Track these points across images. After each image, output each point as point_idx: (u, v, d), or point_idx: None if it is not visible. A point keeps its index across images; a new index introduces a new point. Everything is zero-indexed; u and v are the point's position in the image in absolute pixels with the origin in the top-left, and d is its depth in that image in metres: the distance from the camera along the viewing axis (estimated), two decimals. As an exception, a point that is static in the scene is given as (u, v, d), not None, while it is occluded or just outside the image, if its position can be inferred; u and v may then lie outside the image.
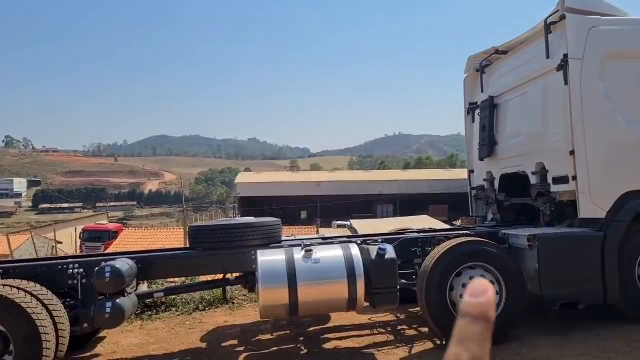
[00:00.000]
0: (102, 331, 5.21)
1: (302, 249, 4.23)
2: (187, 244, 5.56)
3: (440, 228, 6.44)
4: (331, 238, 5.11)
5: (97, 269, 4.08)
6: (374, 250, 4.28)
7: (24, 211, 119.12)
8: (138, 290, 4.71)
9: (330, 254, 4.27)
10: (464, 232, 5.11)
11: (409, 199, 31.35)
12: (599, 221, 4.60)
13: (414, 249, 4.82)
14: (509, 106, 5.87)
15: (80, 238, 21.83)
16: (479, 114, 6.45)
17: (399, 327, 5.26)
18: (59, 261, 4.51)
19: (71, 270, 4.26)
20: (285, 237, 5.09)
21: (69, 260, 4.53)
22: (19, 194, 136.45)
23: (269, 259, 4.18)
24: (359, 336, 4.99)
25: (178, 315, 6.15)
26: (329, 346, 4.75)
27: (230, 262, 4.63)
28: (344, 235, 5.82)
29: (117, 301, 4.03)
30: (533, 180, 5.25)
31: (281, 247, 4.51)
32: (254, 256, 4.35)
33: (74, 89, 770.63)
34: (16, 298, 3.67)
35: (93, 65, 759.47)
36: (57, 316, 3.84)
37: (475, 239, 4.69)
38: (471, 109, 6.80)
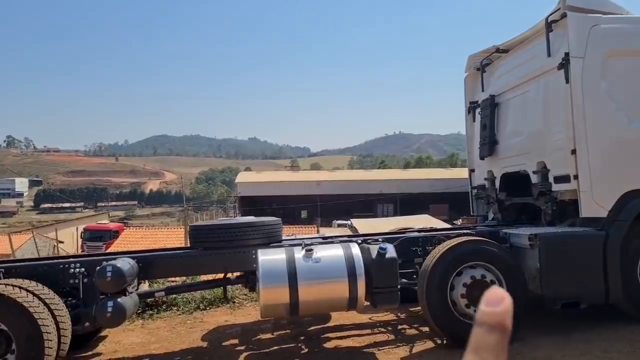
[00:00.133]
0: (104, 330, 5.22)
1: (303, 248, 4.23)
2: (188, 244, 5.56)
3: (441, 227, 6.44)
4: (332, 237, 5.11)
5: (98, 268, 4.08)
6: (374, 249, 4.27)
7: (25, 211, 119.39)
8: (139, 289, 4.72)
9: (331, 253, 4.26)
10: (464, 231, 5.11)
11: (410, 198, 31.33)
12: (600, 220, 4.59)
13: (414, 249, 4.81)
14: (510, 105, 5.86)
15: (81, 238, 21.87)
16: (480, 113, 6.44)
17: (399, 326, 5.26)
18: (61, 261, 4.52)
19: (73, 270, 4.27)
20: (286, 237, 5.08)
21: (70, 259, 4.54)
22: (20, 194, 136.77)
23: (269, 258, 4.18)
24: (359, 335, 4.99)
25: (179, 314, 6.16)
26: (329, 345, 4.75)
27: (231, 261, 4.63)
28: (344, 235, 5.81)
29: (118, 300, 4.04)
30: (534, 179, 5.24)
31: (282, 246, 4.51)
32: (254, 256, 4.35)
33: (75, 89, 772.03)
34: (18, 297, 3.67)
35: (94, 66, 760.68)
36: (59, 315, 3.85)
37: (476, 238, 4.68)
38: (472, 108, 6.79)
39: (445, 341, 4.46)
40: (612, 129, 4.70)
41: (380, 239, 4.70)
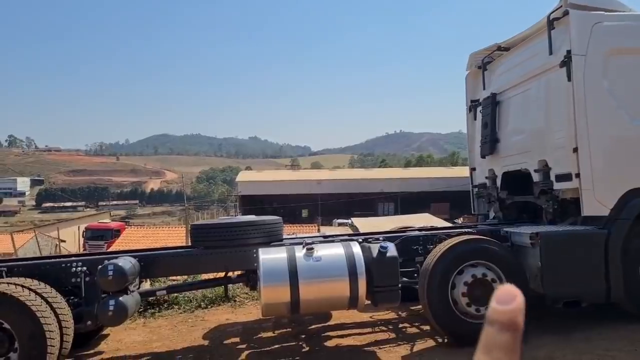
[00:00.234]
0: (106, 329, 5.24)
1: (304, 247, 4.23)
2: (189, 243, 5.57)
3: (442, 226, 6.43)
4: (332, 236, 5.11)
5: (100, 267, 4.09)
6: (375, 248, 4.27)
7: (27, 210, 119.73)
8: (141, 288, 4.73)
9: (332, 252, 4.26)
10: (465, 230, 5.10)
11: (411, 197, 31.31)
12: (602, 219, 4.57)
13: (415, 247, 4.81)
14: (511, 103, 5.84)
15: (83, 237, 21.93)
16: (481, 111, 6.42)
17: (400, 325, 5.26)
18: (63, 259, 4.53)
19: (75, 269, 4.28)
20: (287, 236, 5.09)
21: (72, 258, 4.54)
22: (22, 193, 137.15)
23: (270, 257, 4.18)
24: (360, 334, 5.00)
25: (180, 313, 6.17)
26: (330, 344, 4.76)
27: (232, 260, 4.64)
28: (345, 234, 5.81)
29: (120, 299, 4.05)
30: (536, 178, 5.23)
31: (283, 245, 4.51)
32: (255, 254, 4.35)
33: (76, 89, 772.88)
34: (21, 296, 3.68)
35: (95, 65, 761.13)
36: (62, 314, 3.86)
37: (477, 237, 4.67)
38: (473, 106, 6.77)
39: (446, 340, 4.46)
40: (613, 127, 4.68)
41: (381, 238, 4.70)
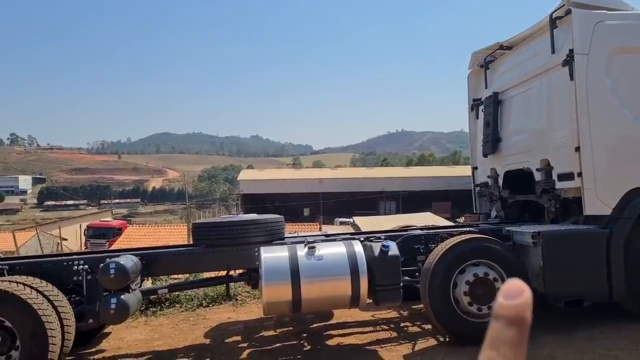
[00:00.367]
0: (107, 327, 5.25)
1: (306, 246, 4.23)
2: (191, 241, 5.58)
3: (444, 225, 6.42)
4: (334, 235, 5.11)
5: (102, 265, 4.10)
6: (377, 247, 4.27)
7: (29, 208, 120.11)
8: (142, 286, 4.74)
9: (334, 251, 4.26)
10: (467, 229, 5.09)
11: (412, 196, 31.30)
12: (604, 218, 4.56)
13: (417, 246, 4.80)
14: (513, 102, 5.83)
15: (85, 235, 21.97)
16: (483, 110, 6.40)
17: (402, 324, 5.26)
18: (65, 258, 4.54)
19: (76, 267, 4.29)
20: (288, 234, 5.09)
21: (74, 257, 4.55)
22: (24, 191, 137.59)
23: (272, 255, 4.19)
24: (362, 333, 5.00)
25: (182, 311, 6.18)
26: (332, 343, 4.76)
27: (233, 259, 4.64)
28: (347, 233, 5.81)
29: (122, 297, 4.06)
30: (538, 177, 5.22)
31: (284, 244, 4.52)
32: (257, 253, 4.36)
33: (78, 87, 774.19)
34: (22, 294, 3.69)
35: (97, 64, 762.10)
36: (63, 312, 3.87)
37: (479, 236, 4.67)
38: (475, 105, 6.75)
39: (447, 339, 4.46)
40: (616, 126, 4.67)
41: (382, 237, 4.69)
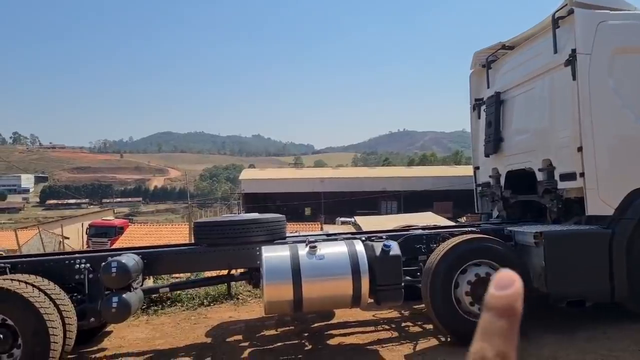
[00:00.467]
0: (109, 326, 5.27)
1: (307, 245, 4.23)
2: (192, 240, 5.59)
3: (445, 225, 6.42)
4: (335, 235, 5.11)
5: (103, 264, 4.11)
6: (378, 247, 4.27)
7: (31, 207, 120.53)
8: (144, 285, 4.75)
9: (335, 250, 4.26)
10: (469, 229, 5.09)
11: (414, 196, 31.29)
12: (606, 218, 4.55)
13: (418, 246, 4.80)
14: (515, 102, 5.81)
15: (87, 234, 22.03)
16: (485, 110, 6.39)
17: (403, 324, 5.26)
18: (67, 256, 4.55)
19: (78, 266, 4.30)
20: (290, 234, 5.09)
21: (76, 255, 4.57)
22: (26, 190, 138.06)
23: (273, 255, 4.19)
24: (363, 333, 5.00)
25: (183, 310, 6.19)
26: (333, 342, 4.76)
27: (235, 258, 4.65)
28: (348, 232, 5.81)
29: (123, 296, 4.07)
30: (540, 177, 5.21)
31: (286, 243, 4.52)
32: (258, 252, 4.36)
33: (80, 87, 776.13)
34: (24, 293, 3.71)
35: (99, 64, 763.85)
36: (65, 310, 3.89)
37: (480, 236, 4.66)
38: (477, 105, 6.74)
39: (449, 339, 4.46)
40: (618, 127, 4.65)
41: (384, 236, 4.69)
